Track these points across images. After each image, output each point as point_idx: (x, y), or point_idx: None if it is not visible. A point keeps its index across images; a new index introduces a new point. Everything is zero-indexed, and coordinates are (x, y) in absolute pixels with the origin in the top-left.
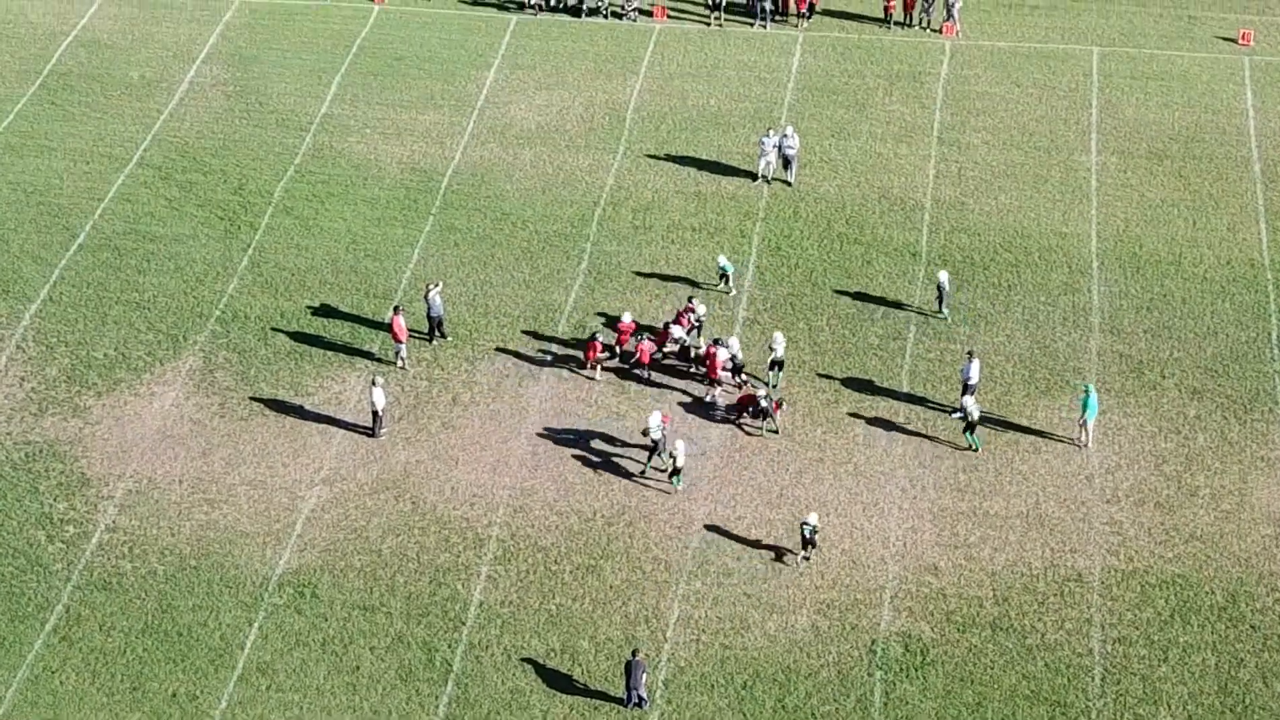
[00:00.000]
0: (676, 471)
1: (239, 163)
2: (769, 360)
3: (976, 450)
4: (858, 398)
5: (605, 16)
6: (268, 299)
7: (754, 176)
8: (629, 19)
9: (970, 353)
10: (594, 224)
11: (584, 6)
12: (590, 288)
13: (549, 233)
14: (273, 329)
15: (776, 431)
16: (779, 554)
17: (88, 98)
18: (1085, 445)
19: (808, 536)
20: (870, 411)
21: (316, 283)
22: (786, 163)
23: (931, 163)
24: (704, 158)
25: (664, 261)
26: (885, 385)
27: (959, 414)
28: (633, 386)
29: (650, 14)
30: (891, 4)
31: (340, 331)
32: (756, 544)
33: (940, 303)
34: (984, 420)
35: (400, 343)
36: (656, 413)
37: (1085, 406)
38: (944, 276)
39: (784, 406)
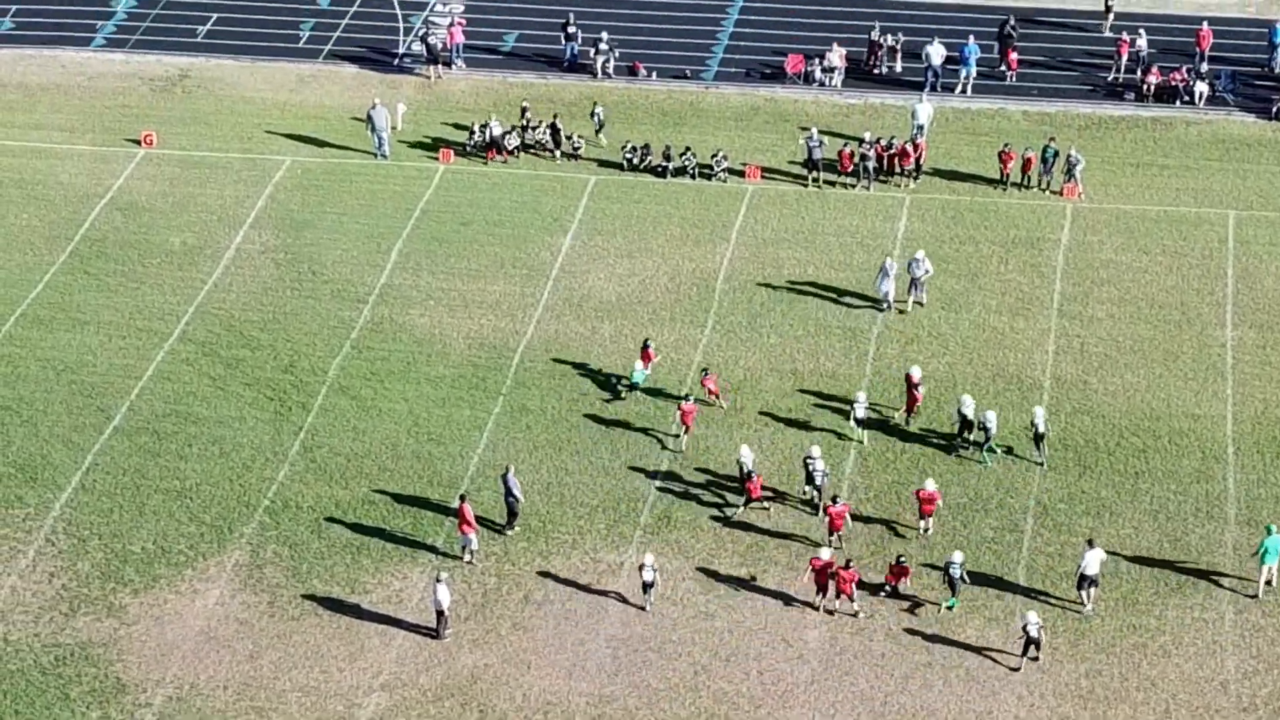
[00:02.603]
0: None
1: (290, 338)
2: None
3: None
4: (969, 594)
5: (693, 176)
6: (321, 487)
7: (876, 304)
8: (718, 179)
9: (1090, 541)
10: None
11: (669, 166)
12: (677, 474)
13: (631, 414)
14: (327, 520)
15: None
16: None
17: (124, 266)
18: (1259, 595)
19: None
20: (984, 611)
21: (375, 469)
22: (914, 283)
23: (1051, 337)
24: (801, 333)
25: (757, 447)
26: (999, 576)
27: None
28: (721, 584)
29: (742, 173)
30: (1008, 163)
31: (401, 523)
32: None
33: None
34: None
35: (469, 534)
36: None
37: (1264, 550)
38: (968, 403)
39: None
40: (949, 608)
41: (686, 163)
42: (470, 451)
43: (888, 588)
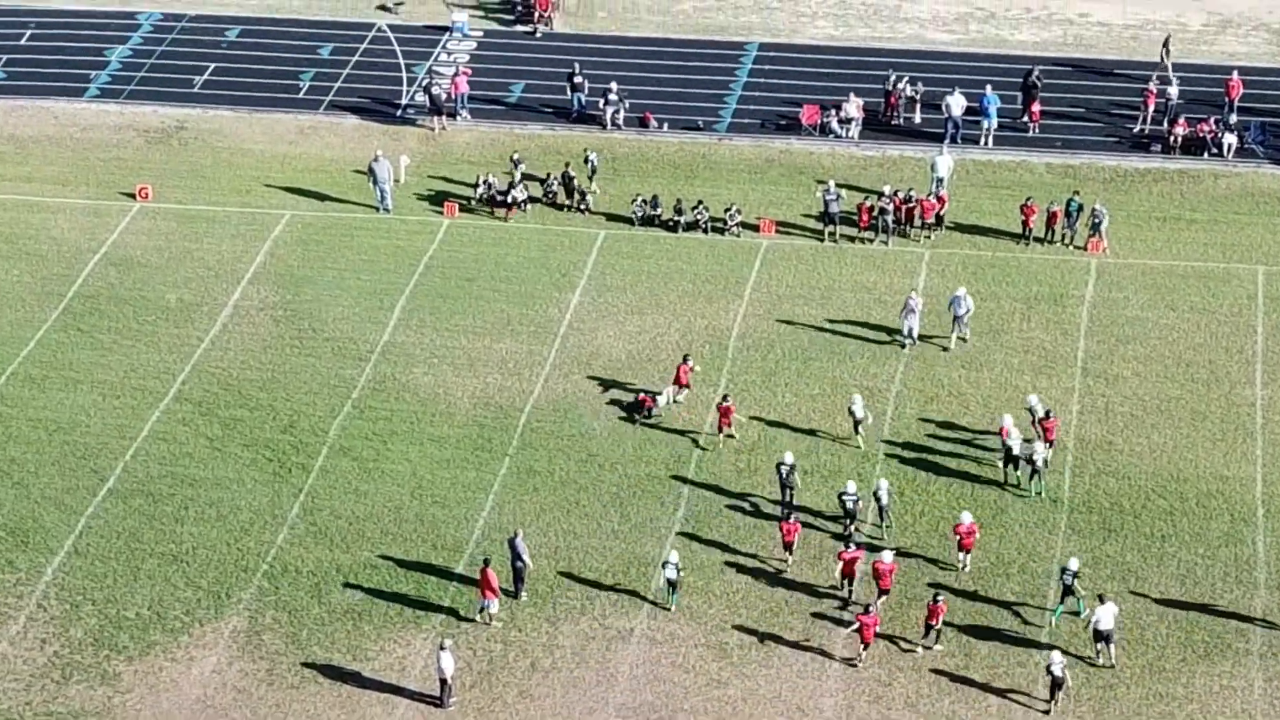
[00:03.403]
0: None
1: (289, 397)
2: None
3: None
4: (988, 664)
5: (705, 231)
6: (322, 551)
7: (900, 341)
8: (732, 233)
9: (1101, 597)
10: (692, 466)
11: (681, 220)
12: (688, 539)
13: (641, 476)
14: (327, 585)
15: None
16: None
17: (118, 323)
18: None
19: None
20: (1004, 678)
21: (377, 533)
22: (956, 320)
23: (1075, 396)
24: (816, 391)
25: (771, 510)
26: (1024, 637)
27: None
28: (735, 648)
29: (756, 228)
30: (1031, 217)
31: (404, 588)
32: None
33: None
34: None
35: (490, 599)
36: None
37: None
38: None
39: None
40: (1074, 614)
41: (699, 217)
42: (476, 515)
43: (926, 626)
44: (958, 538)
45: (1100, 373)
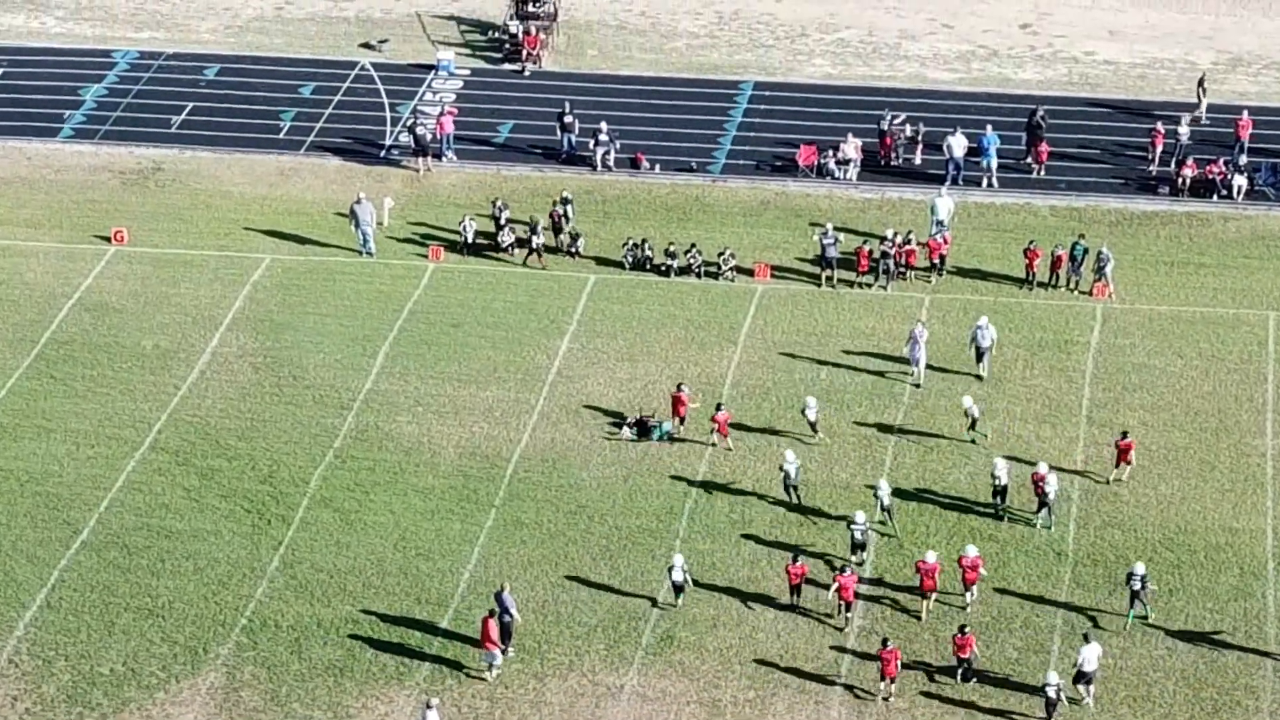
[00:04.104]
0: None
1: (269, 446)
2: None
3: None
4: (996, 696)
5: (698, 275)
6: (302, 605)
7: (906, 372)
8: (726, 278)
9: (1086, 636)
10: (684, 518)
11: (673, 264)
12: (678, 593)
13: (631, 528)
14: (308, 640)
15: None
16: None
17: (93, 370)
18: None
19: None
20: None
21: (359, 586)
22: (980, 354)
23: (1080, 446)
24: (813, 441)
25: (765, 563)
26: (1027, 684)
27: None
28: (729, 705)
29: (751, 272)
30: (1034, 261)
31: (387, 643)
32: None
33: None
34: None
35: (493, 651)
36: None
37: None
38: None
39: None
40: (1142, 618)
41: (691, 261)
42: (461, 568)
43: (957, 660)
44: (961, 571)
45: (1105, 422)
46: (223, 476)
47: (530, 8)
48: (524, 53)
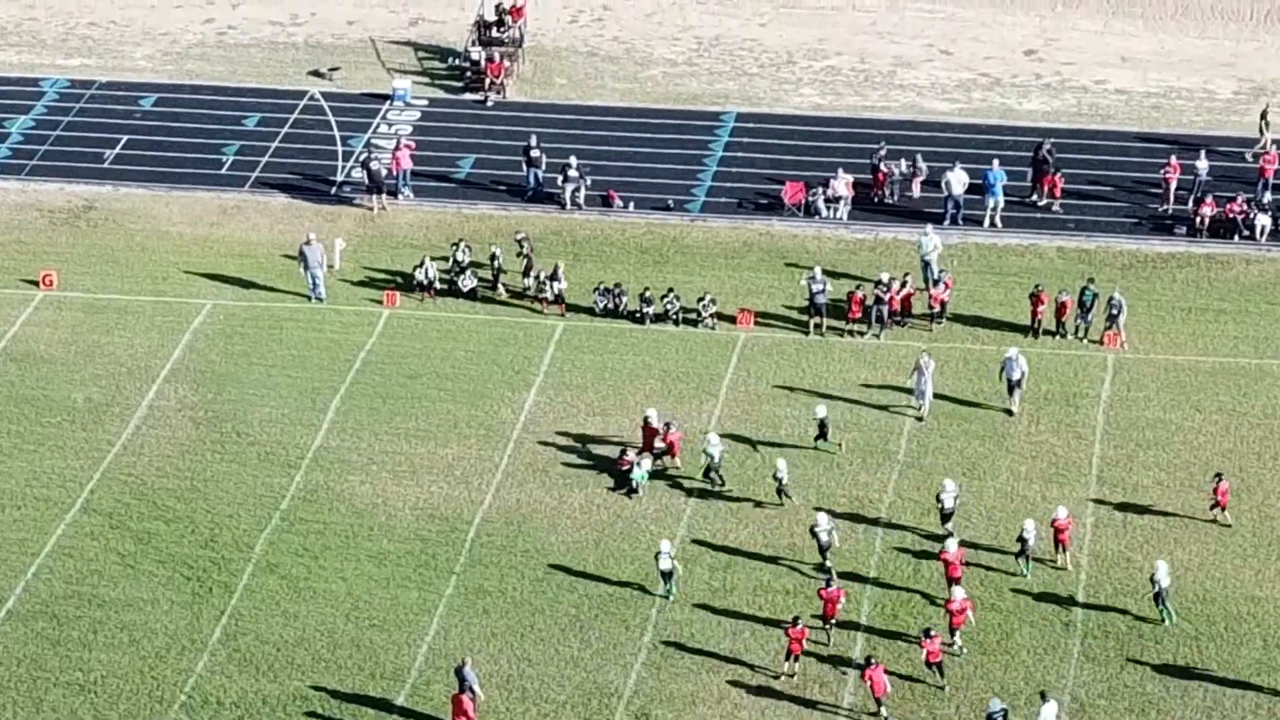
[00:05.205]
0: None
1: (210, 508)
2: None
3: None
4: None
5: (675, 323)
6: (246, 680)
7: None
8: (705, 326)
9: (1043, 694)
10: (660, 584)
11: (648, 311)
12: (656, 666)
13: (603, 596)
14: (253, 719)
15: None
16: None
17: (19, 426)
18: None
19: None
20: None
21: (308, 660)
22: (1012, 388)
23: (1089, 509)
24: (799, 502)
25: (748, 634)
26: None
27: None
28: None
29: (733, 319)
30: (1040, 307)
31: None
32: None
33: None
34: None
35: None
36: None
37: None
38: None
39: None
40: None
41: (668, 307)
42: (419, 639)
43: (930, 667)
44: (948, 615)
45: (1117, 481)
46: (160, 540)
47: (494, 33)
48: (487, 81)
